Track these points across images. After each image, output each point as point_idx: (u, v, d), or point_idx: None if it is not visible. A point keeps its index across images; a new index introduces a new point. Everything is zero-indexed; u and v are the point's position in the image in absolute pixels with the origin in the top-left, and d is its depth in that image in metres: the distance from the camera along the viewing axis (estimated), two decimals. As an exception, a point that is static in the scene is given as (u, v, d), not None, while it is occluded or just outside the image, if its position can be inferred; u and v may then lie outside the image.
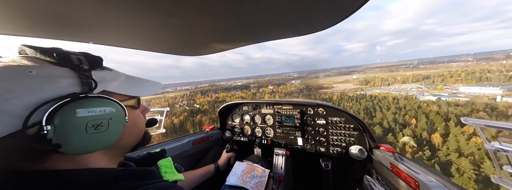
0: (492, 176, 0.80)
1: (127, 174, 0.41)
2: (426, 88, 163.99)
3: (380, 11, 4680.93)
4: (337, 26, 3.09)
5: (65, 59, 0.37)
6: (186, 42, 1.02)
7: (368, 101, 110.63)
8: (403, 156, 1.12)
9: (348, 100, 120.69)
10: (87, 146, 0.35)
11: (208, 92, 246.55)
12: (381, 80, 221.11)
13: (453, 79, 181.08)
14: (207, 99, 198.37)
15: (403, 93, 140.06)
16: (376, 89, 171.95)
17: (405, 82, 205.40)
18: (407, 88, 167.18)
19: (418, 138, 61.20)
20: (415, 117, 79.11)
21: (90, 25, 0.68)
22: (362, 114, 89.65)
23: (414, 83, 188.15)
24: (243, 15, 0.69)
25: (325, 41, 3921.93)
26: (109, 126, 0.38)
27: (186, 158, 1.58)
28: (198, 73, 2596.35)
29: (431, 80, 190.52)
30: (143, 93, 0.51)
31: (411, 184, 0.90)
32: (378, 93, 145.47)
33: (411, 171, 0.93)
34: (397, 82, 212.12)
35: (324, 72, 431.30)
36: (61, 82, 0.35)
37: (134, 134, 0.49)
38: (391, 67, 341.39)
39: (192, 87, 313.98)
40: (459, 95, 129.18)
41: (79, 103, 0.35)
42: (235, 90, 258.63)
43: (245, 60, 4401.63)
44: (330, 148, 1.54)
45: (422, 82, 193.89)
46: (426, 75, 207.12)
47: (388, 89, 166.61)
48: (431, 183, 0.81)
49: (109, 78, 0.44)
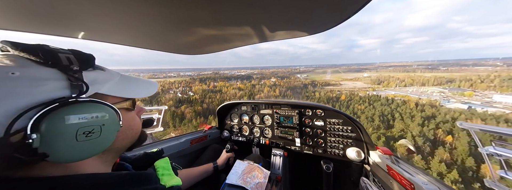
0: (485, 180, 0.81)
1: (122, 179, 0.38)
2: (450, 93, 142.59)
3: (404, 3, 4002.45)
4: (353, 19, 1.66)
5: (52, 59, 0.33)
6: (186, 41, 1.01)
7: (384, 105, 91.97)
8: (400, 159, 1.13)
9: (359, 102, 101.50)
10: (77, 154, 0.33)
11: (207, 80, 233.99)
12: (396, 81, 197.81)
13: (483, 85, 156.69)
14: (204, 87, 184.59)
15: (424, 98, 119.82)
16: (390, 91, 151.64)
17: (424, 84, 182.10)
18: (427, 92, 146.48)
19: (458, 166, 43.31)
20: (450, 132, 61.14)
21: (86, 21, 0.65)
22: (377, 121, 71.73)
23: (435, 87, 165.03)
24: (243, 15, 0.68)
25: (338, 35, 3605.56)
26: (102, 132, 0.35)
27: (184, 157, 1.59)
28: (204, 60, 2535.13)
29: (457, 85, 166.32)
30: (138, 94, 0.48)
31: (406, 186, 0.92)
32: (393, 95, 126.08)
33: (407, 174, 0.94)
34: (415, 84, 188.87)
35: (333, 68, 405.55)
36: (48, 85, 0.31)
37: (128, 136, 0.46)
38: (406, 67, 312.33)
39: (195, 74, 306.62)
40: (495, 104, 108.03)
41: (68, 109, 0.31)
42: (236, 80, 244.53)
43: (252, 50, 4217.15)
44: (328, 149, 1.56)
45: (445, 86, 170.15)
46: (450, 79, 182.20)
47: (404, 92, 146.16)
48: (427, 186, 0.82)
49: (101, 79, 0.40)
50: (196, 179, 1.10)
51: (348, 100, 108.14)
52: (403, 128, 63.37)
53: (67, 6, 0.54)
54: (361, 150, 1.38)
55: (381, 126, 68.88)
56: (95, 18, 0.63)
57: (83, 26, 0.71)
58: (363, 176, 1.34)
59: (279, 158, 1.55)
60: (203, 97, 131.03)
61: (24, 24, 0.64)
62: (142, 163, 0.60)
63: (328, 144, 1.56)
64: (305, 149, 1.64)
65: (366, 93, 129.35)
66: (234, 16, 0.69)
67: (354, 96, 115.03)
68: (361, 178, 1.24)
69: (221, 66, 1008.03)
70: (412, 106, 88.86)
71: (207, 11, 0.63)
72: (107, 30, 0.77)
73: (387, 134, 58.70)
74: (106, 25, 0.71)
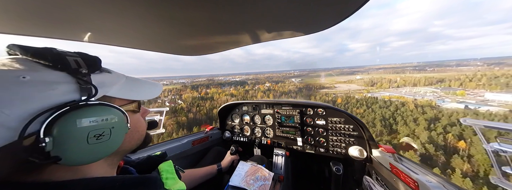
0: (491, 177, 0.81)
1: (127, 183, 0.39)
2: (443, 93, 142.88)
3: (389, 9, 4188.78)
4: (343, 24, 2.20)
5: (61, 62, 0.33)
6: (186, 42, 1.02)
7: (383, 107, 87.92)
8: (403, 157, 1.11)
9: (357, 105, 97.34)
10: (88, 157, 0.33)
11: (200, 87, 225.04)
12: (389, 82, 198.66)
13: (472, 84, 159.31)
14: (195, 94, 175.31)
15: (419, 99, 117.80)
16: (385, 92, 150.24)
17: (416, 85, 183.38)
18: (420, 92, 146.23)
19: (485, 181, 37.14)
20: (460, 136, 56.62)
21: (84, 22, 0.66)
22: (379, 126, 66.69)
23: (427, 87, 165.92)
24: (243, 15, 0.69)
25: (329, 39, 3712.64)
26: (111, 135, 0.36)
27: (186, 158, 1.59)
28: (199, 67, 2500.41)
29: (447, 84, 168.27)
30: (144, 96, 0.48)
31: (410, 184, 0.91)
32: (389, 96, 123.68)
33: (410, 172, 0.93)
34: (407, 84, 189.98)
35: (326, 71, 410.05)
36: (58, 88, 0.32)
37: (135, 139, 0.47)
38: (396, 69, 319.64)
39: (189, 81, 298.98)
40: (490, 103, 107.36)
41: (79, 112, 0.32)
42: (229, 86, 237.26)
43: (246, 56, 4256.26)
44: (330, 148, 1.55)
45: (436, 86, 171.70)
46: (440, 78, 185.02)
47: (398, 93, 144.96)
48: (431, 184, 0.82)
49: (109, 82, 0.41)
50: (199, 181, 1.09)
51: (345, 103, 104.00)
52: (408, 133, 58.32)
53: (68, 9, 0.55)
54: (364, 148, 1.37)
55: (384, 131, 63.74)
56: (96, 21, 0.64)
57: (84, 29, 0.71)
58: (366, 174, 1.32)
59: (281, 158, 1.55)
60: (190, 106, 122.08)
61: (23, 27, 0.65)
62: (146, 167, 0.61)
63: (330, 143, 1.56)
64: (307, 148, 1.63)
65: (362, 95, 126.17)
66: (231, 17, 0.69)
67: (350, 99, 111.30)
68: (364, 176, 1.23)
69: (216, 73, 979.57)
70: (411, 107, 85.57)
71: (205, 11, 0.63)
72: (105, 33, 0.77)
73: (392, 141, 53.13)
74: (105, 28, 0.71)
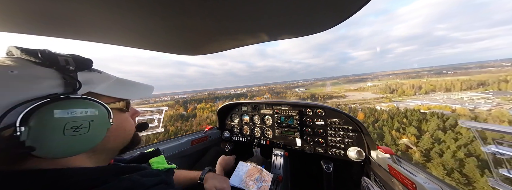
0: (488, 179, 0.80)
1: (114, 170, 0.40)
2: (500, 99, 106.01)
3: (386, 16, 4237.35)
4: (340, 33, 4.30)
5: (50, 60, 0.35)
6: (186, 41, 1.02)
7: (445, 128, 52.52)
8: (401, 158, 1.11)
9: (392, 123, 61.39)
10: (64, 149, 0.33)
11: (193, 102, 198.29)
12: (412, 88, 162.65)
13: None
14: (180, 111, 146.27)
15: (476, 109, 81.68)
16: (414, 101, 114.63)
17: (449, 90, 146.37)
18: (464, 99, 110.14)
19: None
20: None
21: (88, 22, 0.67)
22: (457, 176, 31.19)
23: (468, 92, 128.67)
24: (243, 15, 0.69)
25: (329, 49, 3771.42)
26: (90, 128, 0.36)
27: (185, 158, 1.57)
28: (203, 82, 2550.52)
29: (496, 87, 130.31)
30: (132, 96, 0.49)
31: (408, 186, 0.90)
32: (426, 107, 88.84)
33: (408, 173, 0.93)
34: (438, 90, 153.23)
35: (331, 80, 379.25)
36: (44, 83, 0.33)
37: (120, 137, 0.47)
38: (407, 74, 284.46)
39: (189, 96, 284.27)
40: None
41: (59, 104, 0.33)
42: (225, 99, 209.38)
43: (248, 69, 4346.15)
44: (329, 149, 1.55)
45: (479, 90, 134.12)
46: (480, 81, 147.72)
47: (434, 101, 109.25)
48: (428, 185, 0.81)
49: (96, 80, 0.42)
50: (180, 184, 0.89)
51: (372, 121, 67.49)
52: None
53: (68, 8, 0.56)
54: (362, 149, 1.36)
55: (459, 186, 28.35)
56: (95, 20, 0.65)
57: (86, 28, 0.73)
58: (364, 175, 1.32)
59: (280, 158, 1.53)
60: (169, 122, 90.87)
61: (23, 27, 0.66)
62: (138, 163, 0.61)
63: (329, 143, 1.55)
64: (306, 148, 1.63)
65: (389, 106, 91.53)
66: (233, 16, 0.69)
67: (377, 113, 75.16)
68: (362, 177, 1.22)
69: (219, 87, 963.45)
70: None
71: (205, 11, 0.64)
72: (106, 33, 0.78)
73: None
74: (104, 27, 0.72)
